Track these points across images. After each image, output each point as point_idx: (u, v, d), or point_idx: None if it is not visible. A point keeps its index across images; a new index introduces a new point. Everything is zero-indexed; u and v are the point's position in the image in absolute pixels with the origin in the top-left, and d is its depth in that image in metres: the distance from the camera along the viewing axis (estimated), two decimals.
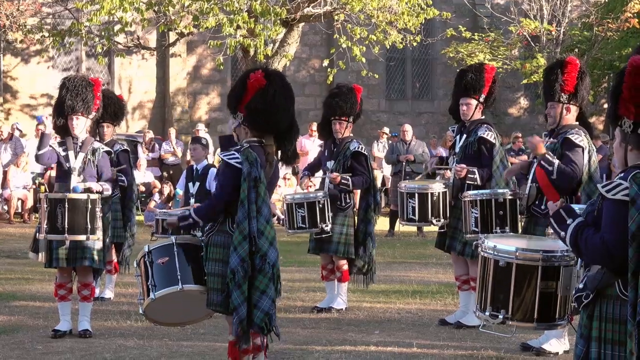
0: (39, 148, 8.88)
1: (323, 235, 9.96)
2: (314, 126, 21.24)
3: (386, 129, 22.97)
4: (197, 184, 11.35)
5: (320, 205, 9.89)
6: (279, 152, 6.69)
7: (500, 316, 5.24)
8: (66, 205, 8.55)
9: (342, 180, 9.92)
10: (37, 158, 8.94)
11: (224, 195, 6.48)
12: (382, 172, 21.66)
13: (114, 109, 10.78)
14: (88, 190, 8.70)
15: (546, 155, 7.87)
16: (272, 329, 6.45)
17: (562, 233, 4.57)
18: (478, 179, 8.97)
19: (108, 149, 9.24)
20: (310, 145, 21.04)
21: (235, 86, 6.67)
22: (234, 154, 6.47)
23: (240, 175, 6.36)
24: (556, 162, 7.84)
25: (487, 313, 5.29)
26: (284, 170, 19.22)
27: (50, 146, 8.85)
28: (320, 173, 10.57)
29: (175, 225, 6.69)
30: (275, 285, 6.43)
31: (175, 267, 6.64)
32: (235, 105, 6.58)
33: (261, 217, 6.38)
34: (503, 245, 5.32)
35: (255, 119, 6.49)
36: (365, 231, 10.11)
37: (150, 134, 22.90)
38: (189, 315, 7.03)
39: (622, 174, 4.43)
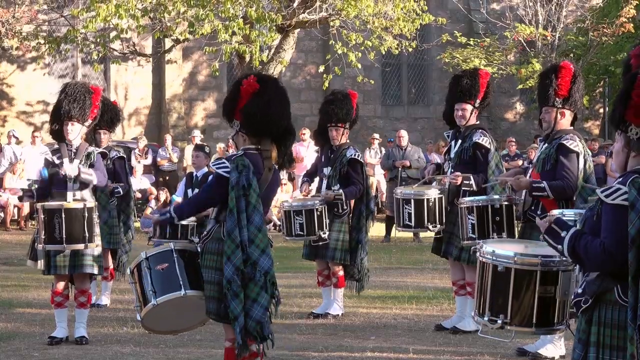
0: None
1: (320, 243, 9.97)
2: (305, 131, 21.28)
3: (376, 135, 23.01)
4: (197, 190, 11.42)
5: (318, 213, 9.89)
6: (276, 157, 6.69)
7: (499, 321, 5.23)
8: (63, 216, 8.51)
9: (336, 197, 9.94)
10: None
11: (204, 199, 6.71)
12: (376, 179, 21.69)
13: (110, 115, 10.79)
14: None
15: (532, 185, 7.92)
16: (266, 337, 6.43)
17: (559, 246, 4.55)
18: (474, 184, 8.98)
19: (102, 150, 9.24)
20: (304, 152, 21.05)
21: (229, 94, 6.68)
22: (223, 162, 6.48)
23: (227, 184, 6.36)
24: (544, 183, 7.87)
25: (485, 318, 5.29)
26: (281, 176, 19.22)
27: (44, 157, 8.89)
28: (317, 179, 10.59)
29: (156, 221, 6.82)
30: (269, 293, 6.39)
31: (175, 273, 6.63)
32: (231, 112, 6.58)
33: (251, 226, 6.35)
34: (501, 250, 5.31)
35: (251, 123, 6.48)
36: (357, 238, 10.11)
37: (144, 141, 22.87)
38: (184, 322, 7.02)
39: (620, 179, 4.42)
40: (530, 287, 5.16)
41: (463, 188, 9.01)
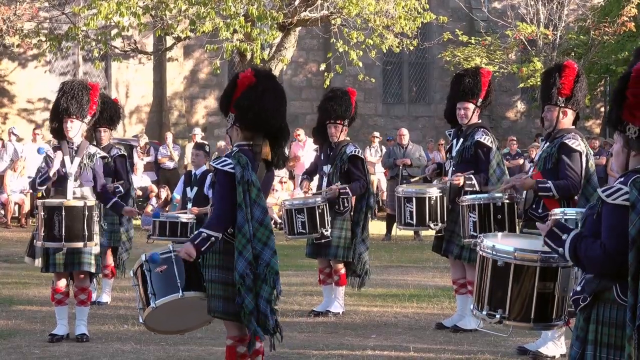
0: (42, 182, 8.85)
1: (323, 240, 9.96)
2: (300, 132, 21.27)
3: (377, 133, 23.01)
4: (195, 188, 11.46)
5: (320, 210, 9.89)
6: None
7: (497, 316, 5.24)
8: (63, 213, 8.51)
9: (341, 191, 9.93)
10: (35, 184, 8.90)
11: (228, 203, 6.37)
12: (377, 177, 21.72)
13: (110, 113, 10.78)
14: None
15: (538, 185, 7.92)
16: (271, 331, 6.39)
17: (560, 249, 4.55)
18: (476, 184, 8.98)
19: (104, 154, 9.23)
20: (300, 152, 21.06)
21: (227, 87, 6.67)
22: (225, 159, 6.45)
23: (233, 179, 6.35)
24: (549, 183, 7.86)
25: (484, 312, 5.30)
26: (279, 174, 19.22)
27: (46, 153, 8.85)
28: (317, 177, 10.58)
29: (195, 252, 6.40)
30: (270, 285, 6.35)
31: (174, 274, 6.60)
32: (227, 105, 6.57)
33: (253, 220, 6.37)
34: (501, 245, 5.32)
35: (245, 116, 6.46)
36: (358, 234, 10.11)
37: (145, 139, 22.88)
38: (188, 322, 6.99)
39: (621, 179, 4.41)
40: (529, 282, 5.16)
41: (466, 189, 9.00)
